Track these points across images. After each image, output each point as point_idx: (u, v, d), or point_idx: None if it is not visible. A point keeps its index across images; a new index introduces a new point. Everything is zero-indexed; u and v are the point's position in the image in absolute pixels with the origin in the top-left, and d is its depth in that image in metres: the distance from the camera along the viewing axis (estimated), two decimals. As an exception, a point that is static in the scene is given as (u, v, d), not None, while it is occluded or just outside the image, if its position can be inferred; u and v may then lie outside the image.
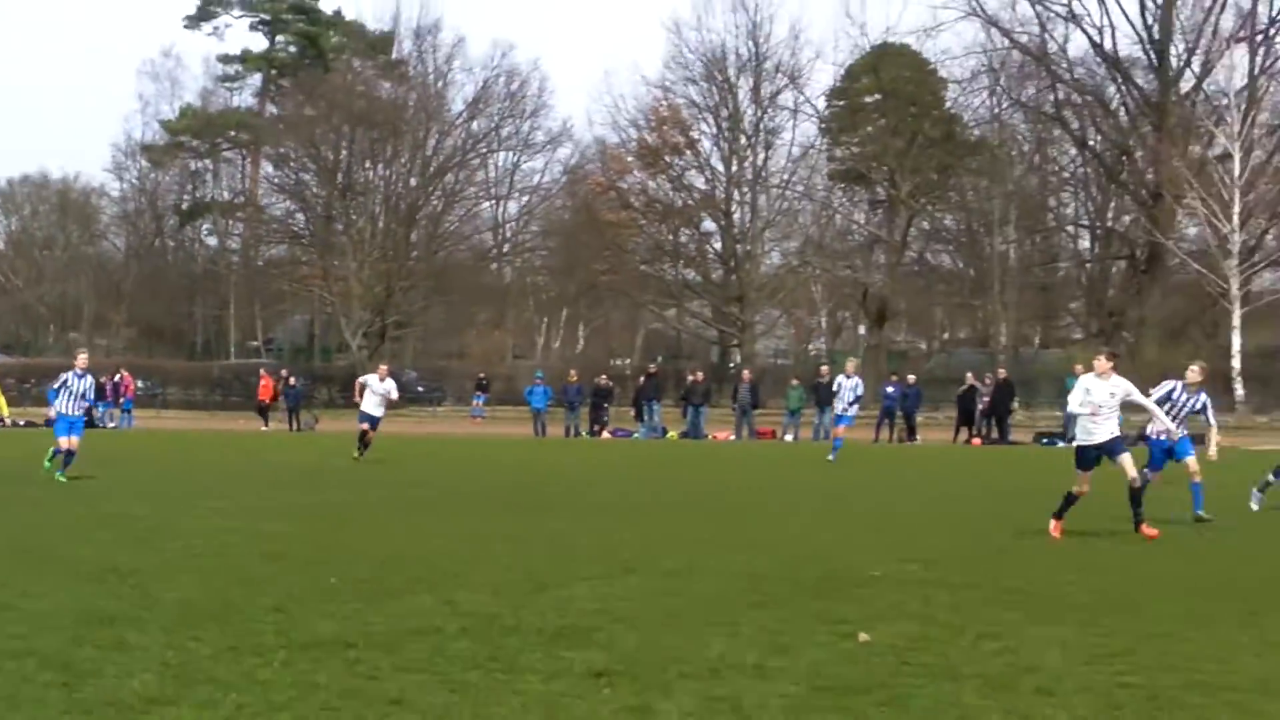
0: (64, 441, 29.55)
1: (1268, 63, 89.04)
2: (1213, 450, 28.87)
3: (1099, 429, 21.70)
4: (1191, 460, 23.84)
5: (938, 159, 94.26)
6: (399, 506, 30.30)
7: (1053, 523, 21.50)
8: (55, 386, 29.99)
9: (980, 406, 62.72)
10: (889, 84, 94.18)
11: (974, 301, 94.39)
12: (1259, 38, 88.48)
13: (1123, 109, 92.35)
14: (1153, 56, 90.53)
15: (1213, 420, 27.23)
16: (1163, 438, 24.71)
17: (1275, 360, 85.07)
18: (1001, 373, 65.78)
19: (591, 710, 10.22)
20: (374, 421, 41.68)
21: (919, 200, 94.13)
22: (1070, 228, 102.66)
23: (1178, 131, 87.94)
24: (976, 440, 61.52)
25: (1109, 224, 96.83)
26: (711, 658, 12.24)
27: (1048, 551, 20.40)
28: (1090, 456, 21.82)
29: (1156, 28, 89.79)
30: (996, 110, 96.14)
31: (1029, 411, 71.89)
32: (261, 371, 77.49)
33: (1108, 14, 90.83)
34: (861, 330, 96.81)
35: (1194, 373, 25.00)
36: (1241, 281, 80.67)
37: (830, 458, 44.78)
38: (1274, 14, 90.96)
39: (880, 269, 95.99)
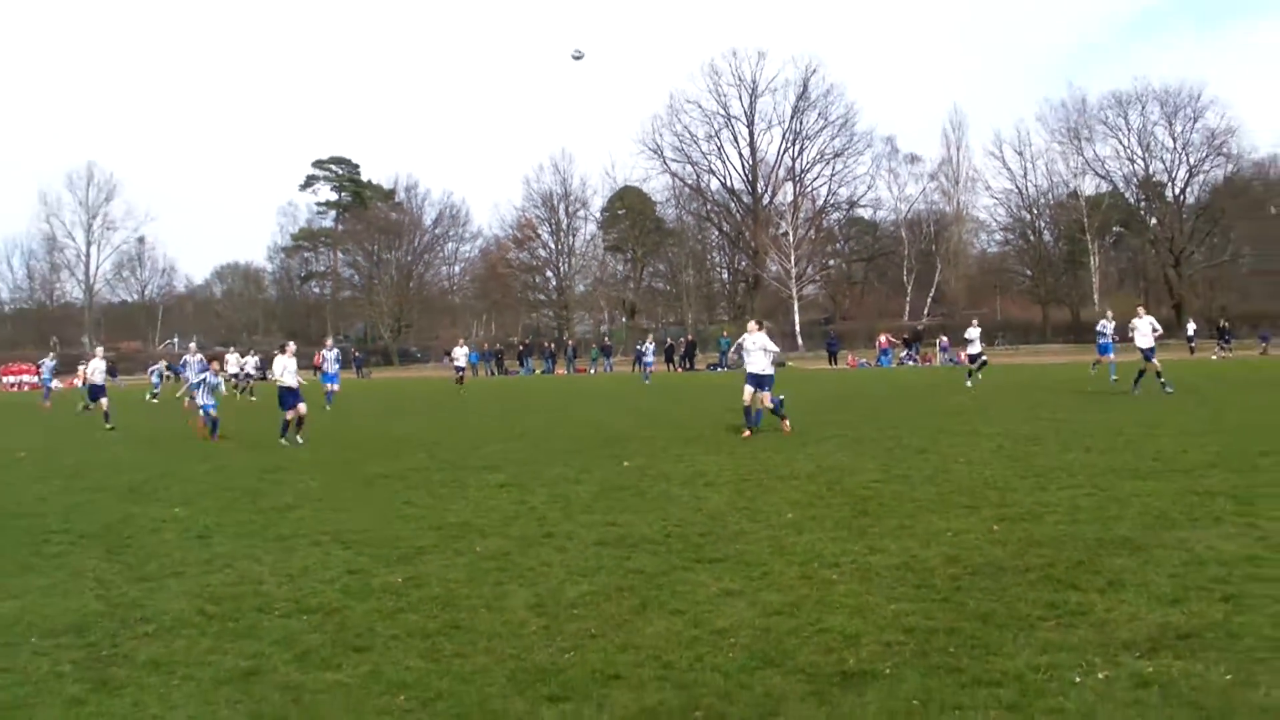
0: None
1: (801, 190, 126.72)
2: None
3: (754, 364, 25.79)
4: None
5: (653, 239, 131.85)
6: (401, 412, 45.93)
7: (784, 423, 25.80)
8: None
9: (680, 353, 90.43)
10: (629, 204, 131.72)
11: (676, 303, 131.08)
12: (797, 179, 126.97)
13: (738, 212, 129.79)
14: (749, 187, 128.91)
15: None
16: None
17: (818, 326, 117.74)
18: (690, 335, 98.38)
19: (499, 503, 15.92)
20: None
21: (646, 258, 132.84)
22: (720, 269, 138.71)
23: (763, 222, 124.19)
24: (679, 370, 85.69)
25: (737, 266, 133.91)
26: (555, 475, 18.89)
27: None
28: (751, 381, 25.83)
29: (749, 174, 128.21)
30: (679, 214, 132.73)
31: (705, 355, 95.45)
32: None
33: (728, 168, 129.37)
34: (623, 319, 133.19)
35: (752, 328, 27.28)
36: (798, 292, 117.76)
37: (646, 381, 61.19)
38: (804, 166, 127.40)
39: (632, 290, 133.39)
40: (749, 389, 26.28)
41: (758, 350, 26.57)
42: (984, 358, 44.08)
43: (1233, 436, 21.56)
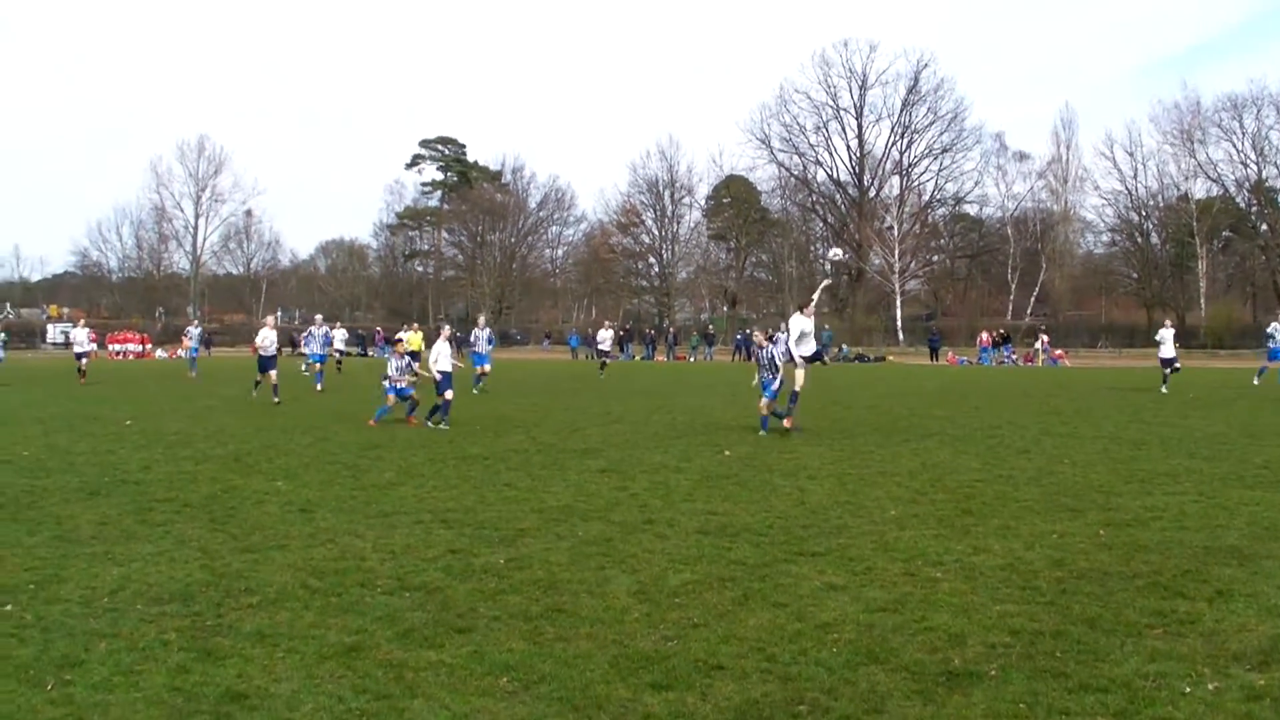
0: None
1: (907, 184, 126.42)
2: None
3: (805, 348, 25.05)
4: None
5: (757, 228, 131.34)
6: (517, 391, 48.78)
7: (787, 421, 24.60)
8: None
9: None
10: (734, 192, 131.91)
11: (778, 294, 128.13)
12: (904, 173, 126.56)
13: (843, 205, 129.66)
14: (855, 180, 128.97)
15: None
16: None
17: (919, 322, 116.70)
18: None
19: (599, 487, 16.15)
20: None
21: (749, 247, 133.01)
22: (823, 261, 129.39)
23: (868, 215, 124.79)
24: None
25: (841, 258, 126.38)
26: (655, 463, 19.07)
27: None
28: (809, 359, 25.26)
29: (856, 167, 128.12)
30: (784, 205, 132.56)
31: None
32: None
33: (835, 160, 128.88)
34: (724, 308, 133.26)
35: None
36: (900, 286, 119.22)
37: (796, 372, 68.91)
38: (911, 160, 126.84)
39: (734, 280, 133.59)
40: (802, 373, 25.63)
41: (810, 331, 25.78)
42: (1177, 363, 41.42)
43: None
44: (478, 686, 7.66)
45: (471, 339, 42.41)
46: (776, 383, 25.20)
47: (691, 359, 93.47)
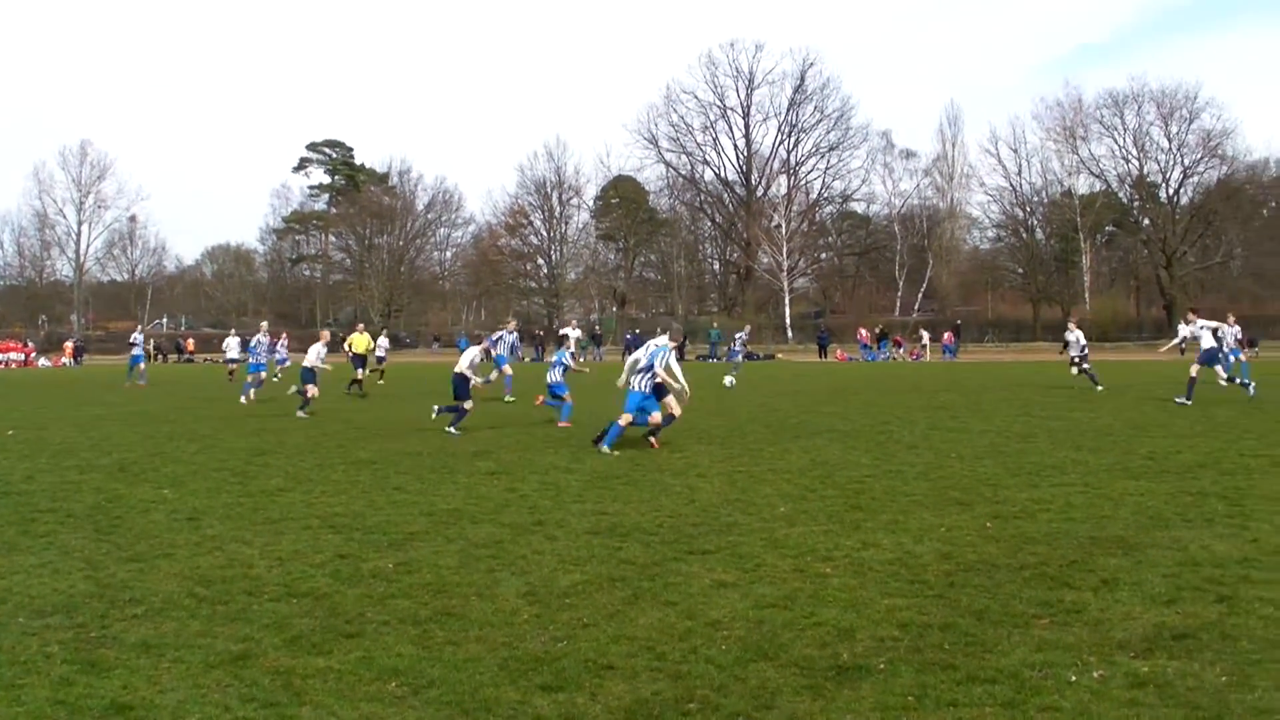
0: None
1: (794, 182, 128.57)
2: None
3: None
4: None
5: (646, 228, 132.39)
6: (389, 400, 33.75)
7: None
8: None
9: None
10: (622, 193, 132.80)
11: (667, 294, 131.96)
12: (792, 171, 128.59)
13: (731, 204, 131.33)
14: (743, 179, 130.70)
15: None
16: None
17: (809, 320, 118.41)
18: (677, 325, 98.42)
19: (489, 489, 16.04)
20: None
21: (638, 247, 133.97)
22: (712, 260, 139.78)
23: (756, 214, 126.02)
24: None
25: (729, 257, 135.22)
26: (546, 464, 19.04)
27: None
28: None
29: (744, 166, 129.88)
30: (673, 205, 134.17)
31: (694, 346, 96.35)
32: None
33: (723, 160, 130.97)
34: (613, 308, 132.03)
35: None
36: (789, 284, 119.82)
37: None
38: (798, 159, 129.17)
39: (623, 280, 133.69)
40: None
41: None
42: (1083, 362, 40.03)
43: (1224, 437, 21.80)
44: (366, 692, 7.60)
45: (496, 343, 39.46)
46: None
47: (581, 359, 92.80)
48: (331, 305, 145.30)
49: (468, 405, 26.55)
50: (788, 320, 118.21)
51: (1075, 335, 39.69)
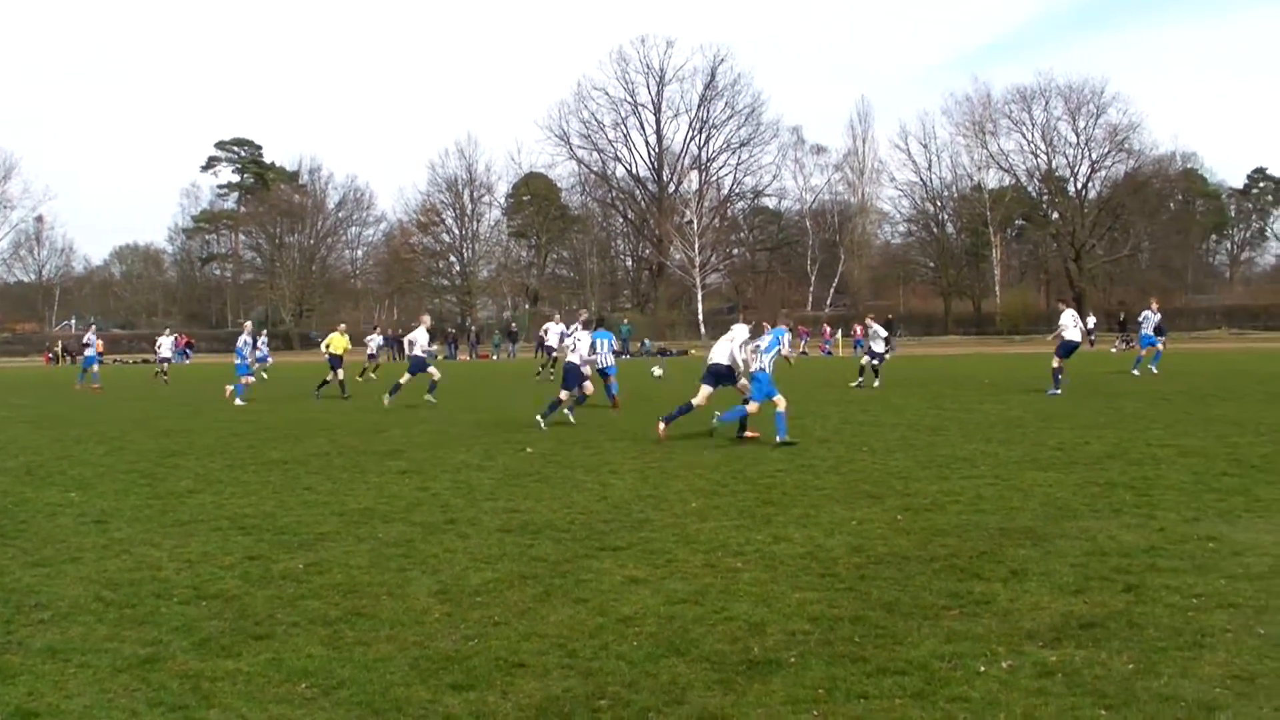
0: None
1: (706, 178, 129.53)
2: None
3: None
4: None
5: (558, 225, 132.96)
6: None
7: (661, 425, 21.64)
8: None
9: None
10: (534, 190, 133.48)
11: (579, 290, 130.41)
12: (703, 167, 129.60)
13: (643, 200, 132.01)
14: (655, 175, 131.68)
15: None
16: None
17: (722, 316, 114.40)
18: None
19: (401, 488, 16.02)
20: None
21: (550, 245, 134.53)
22: (624, 256, 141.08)
23: (668, 210, 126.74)
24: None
25: (641, 254, 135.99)
26: (458, 462, 18.92)
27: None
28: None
29: (655, 162, 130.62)
30: (584, 201, 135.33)
31: None
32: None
33: (634, 156, 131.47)
34: (525, 305, 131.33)
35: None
36: (701, 280, 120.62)
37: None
38: (709, 155, 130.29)
39: (535, 277, 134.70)
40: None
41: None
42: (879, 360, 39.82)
43: (1131, 428, 22.08)
44: (275, 694, 7.51)
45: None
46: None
47: (495, 357, 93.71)
48: (242, 305, 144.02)
49: (563, 395, 26.19)
50: (700, 316, 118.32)
51: (875, 329, 39.90)
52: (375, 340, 62.64)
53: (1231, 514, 12.95)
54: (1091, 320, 74.82)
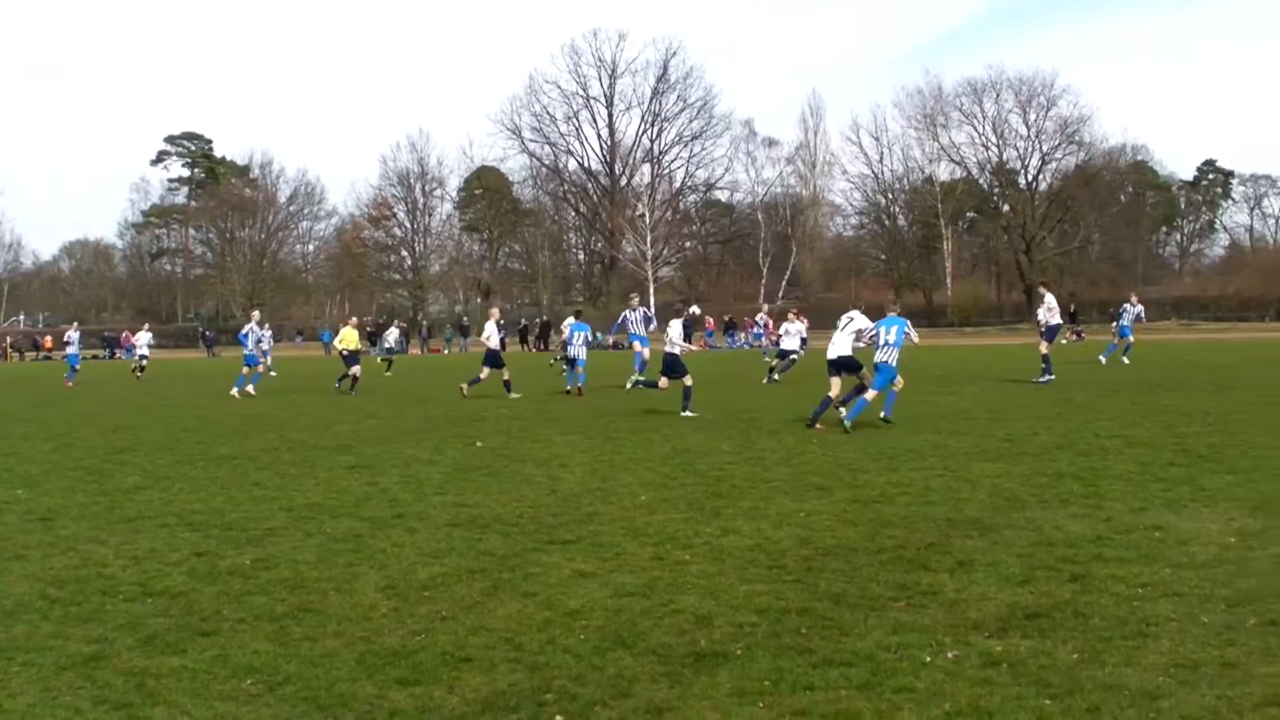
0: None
1: (658, 171, 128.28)
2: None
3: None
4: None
5: (510, 219, 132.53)
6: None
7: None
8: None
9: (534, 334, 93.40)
10: (486, 184, 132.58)
11: (532, 284, 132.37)
12: (655, 160, 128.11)
13: (595, 194, 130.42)
14: (607, 169, 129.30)
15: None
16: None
17: (674, 305, 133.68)
18: (545, 316, 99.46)
19: (349, 484, 15.99)
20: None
21: (502, 238, 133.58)
22: (576, 250, 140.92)
23: (620, 203, 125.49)
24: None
25: (593, 247, 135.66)
26: (407, 456, 18.98)
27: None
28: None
29: (607, 156, 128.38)
30: (536, 195, 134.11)
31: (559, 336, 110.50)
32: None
33: (587, 149, 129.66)
34: (478, 299, 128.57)
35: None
36: (654, 274, 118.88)
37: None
38: (662, 148, 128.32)
39: (488, 271, 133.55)
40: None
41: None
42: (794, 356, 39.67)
43: (1079, 419, 22.30)
44: (221, 691, 7.49)
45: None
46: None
47: (446, 351, 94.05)
48: (193, 300, 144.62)
49: (688, 381, 26.02)
50: (653, 310, 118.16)
51: (796, 327, 39.82)
52: (393, 334, 62.72)
53: (1178, 503, 13.07)
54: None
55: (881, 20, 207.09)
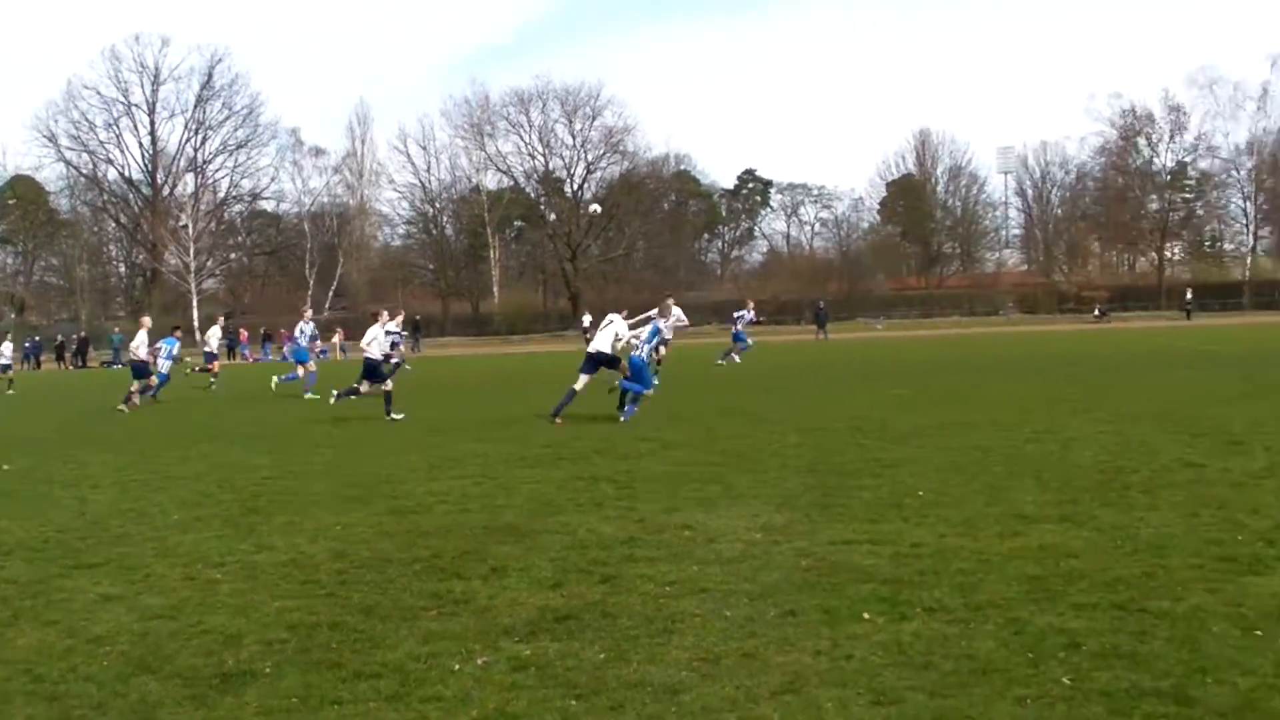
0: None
1: (202, 181, 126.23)
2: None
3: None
4: None
5: (46, 230, 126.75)
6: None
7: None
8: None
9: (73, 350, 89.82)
10: (20, 193, 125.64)
11: (70, 298, 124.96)
12: (199, 170, 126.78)
13: (137, 204, 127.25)
14: (149, 178, 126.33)
15: None
16: None
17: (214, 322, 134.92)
18: (83, 332, 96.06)
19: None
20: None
21: (38, 251, 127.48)
22: (117, 263, 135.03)
23: (162, 214, 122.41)
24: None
25: (135, 259, 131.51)
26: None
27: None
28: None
29: (149, 165, 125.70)
30: (74, 205, 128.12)
31: (98, 352, 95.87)
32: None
33: (128, 158, 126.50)
34: (12, 315, 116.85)
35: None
36: (197, 286, 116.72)
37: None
38: (206, 157, 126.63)
39: (21, 285, 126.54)
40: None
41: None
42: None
43: (621, 424, 22.96)
44: None
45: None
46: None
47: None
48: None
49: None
50: (196, 322, 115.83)
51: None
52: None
53: (709, 502, 13.59)
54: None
55: (429, 30, 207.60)
